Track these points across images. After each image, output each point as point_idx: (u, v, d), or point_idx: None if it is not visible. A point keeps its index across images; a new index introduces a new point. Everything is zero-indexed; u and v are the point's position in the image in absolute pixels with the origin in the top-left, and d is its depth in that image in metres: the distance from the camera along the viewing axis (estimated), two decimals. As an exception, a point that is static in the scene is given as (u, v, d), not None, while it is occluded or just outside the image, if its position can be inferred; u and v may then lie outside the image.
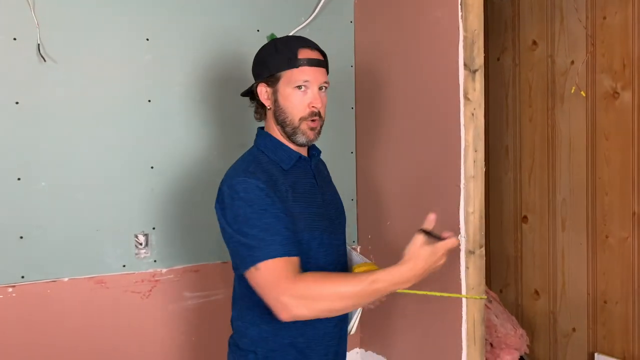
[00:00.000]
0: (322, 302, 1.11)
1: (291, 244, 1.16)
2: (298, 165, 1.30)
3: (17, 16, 1.57)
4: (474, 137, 1.63)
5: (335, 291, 1.11)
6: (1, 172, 1.56)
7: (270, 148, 1.29)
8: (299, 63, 1.24)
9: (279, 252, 1.13)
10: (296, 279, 1.11)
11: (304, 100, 1.25)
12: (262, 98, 1.29)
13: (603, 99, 2.20)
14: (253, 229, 1.14)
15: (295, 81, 1.24)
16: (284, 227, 1.16)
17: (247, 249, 1.14)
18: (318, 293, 1.11)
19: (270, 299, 1.12)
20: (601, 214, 2.22)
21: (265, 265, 1.12)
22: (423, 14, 1.77)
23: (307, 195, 1.28)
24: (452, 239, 1.18)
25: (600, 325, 2.24)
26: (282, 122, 1.27)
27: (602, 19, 2.18)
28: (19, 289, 1.58)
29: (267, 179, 1.21)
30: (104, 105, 1.69)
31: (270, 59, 1.26)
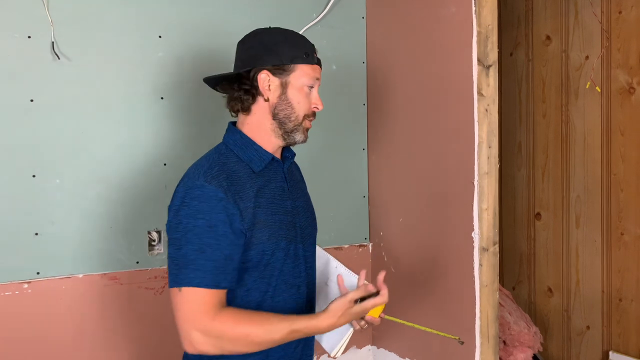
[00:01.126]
0: (232, 345, 1.07)
1: (224, 274, 1.07)
2: (270, 167, 1.21)
3: (31, 14, 1.58)
4: (488, 134, 1.62)
5: (249, 338, 1.06)
6: (16, 169, 1.58)
7: (241, 146, 1.18)
8: (315, 60, 1.20)
9: (206, 281, 1.05)
10: (215, 317, 1.05)
11: (310, 99, 1.20)
12: (262, 87, 1.16)
13: (618, 95, 2.17)
14: (188, 245, 1.06)
15: (310, 77, 1.18)
16: (223, 255, 1.07)
17: (175, 266, 1.07)
18: (231, 336, 1.06)
19: (181, 328, 1.06)
20: (616, 211, 2.19)
21: (187, 293, 1.05)
22: (436, 9, 1.75)
23: (275, 201, 1.19)
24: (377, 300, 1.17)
25: (615, 323, 2.21)
26: (284, 117, 1.17)
27: (618, 13, 2.15)
28: (34, 285, 1.60)
29: (231, 185, 1.11)
30: (117, 103, 1.70)
31: (282, 47, 1.17)
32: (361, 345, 2.13)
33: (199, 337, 1.05)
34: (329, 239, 2.05)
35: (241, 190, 1.12)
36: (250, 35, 1.22)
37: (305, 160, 2.03)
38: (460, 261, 1.68)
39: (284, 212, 1.20)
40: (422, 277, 1.87)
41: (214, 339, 1.05)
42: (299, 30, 1.95)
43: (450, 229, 1.72)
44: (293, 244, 1.20)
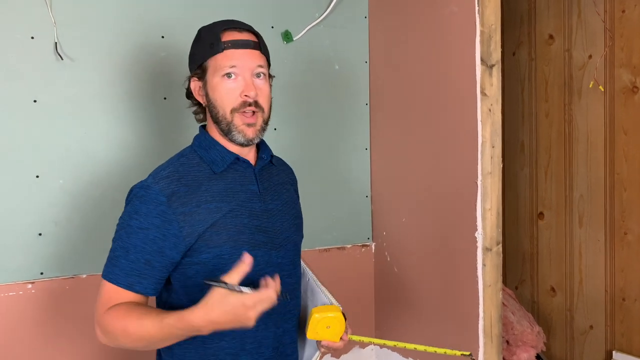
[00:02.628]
0: (117, 339, 1.04)
1: (139, 277, 1.05)
2: (235, 168, 1.15)
3: (34, 15, 1.58)
4: (491, 133, 1.61)
5: (126, 331, 1.02)
6: (20, 170, 1.58)
7: (204, 147, 1.15)
8: (222, 47, 1.08)
9: (119, 280, 1.05)
10: (106, 311, 1.05)
11: (235, 90, 1.09)
12: (196, 94, 1.15)
13: (622, 94, 2.16)
14: (117, 242, 1.07)
15: (221, 68, 1.08)
16: (144, 259, 1.04)
17: (108, 258, 1.10)
18: (112, 329, 1.03)
19: (94, 317, 1.08)
20: (619, 210, 2.19)
21: (103, 285, 1.08)
22: (438, 8, 1.75)
23: (239, 203, 1.11)
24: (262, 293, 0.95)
25: (619, 322, 2.21)
26: (215, 119, 1.12)
27: (621, 12, 2.14)
28: (38, 285, 1.60)
29: (180, 187, 1.07)
30: (120, 103, 1.70)
31: (195, 48, 1.14)
32: (364, 345, 2.13)
33: (97, 329, 1.07)
34: (331, 239, 2.05)
35: (193, 192, 1.08)
36: None
37: (308, 159, 2.04)
38: (463, 261, 1.68)
39: (248, 216, 1.12)
40: (425, 277, 1.87)
41: (104, 332, 1.06)
42: (301, 30, 1.95)
43: (453, 229, 1.72)
44: (262, 250, 1.11)
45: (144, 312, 1.03)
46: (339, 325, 1.13)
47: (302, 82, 1.97)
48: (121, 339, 1.04)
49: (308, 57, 1.98)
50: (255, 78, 1.11)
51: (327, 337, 1.13)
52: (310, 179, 2.01)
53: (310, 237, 1.98)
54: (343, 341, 1.16)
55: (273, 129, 1.92)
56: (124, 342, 1.04)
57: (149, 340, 1.02)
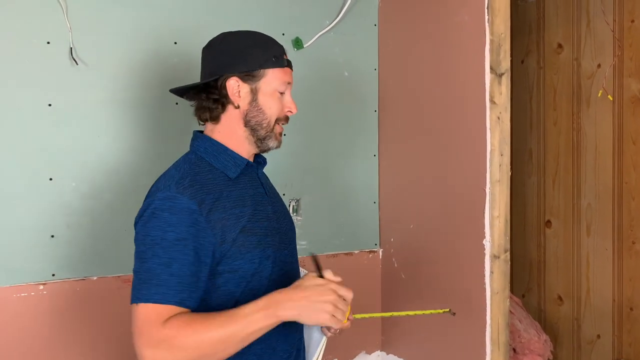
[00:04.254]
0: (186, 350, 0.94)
1: (189, 291, 0.99)
2: (245, 173, 1.15)
3: (50, 20, 1.61)
4: (500, 141, 1.62)
5: (202, 335, 0.94)
6: (34, 173, 1.61)
7: (213, 153, 1.12)
8: (285, 63, 1.14)
9: (168, 298, 0.96)
10: (163, 325, 0.95)
11: (282, 103, 1.15)
12: (231, 94, 1.11)
13: (630, 103, 2.16)
14: (153, 259, 0.98)
15: (281, 81, 1.13)
16: (190, 271, 0.99)
17: (137, 280, 0.99)
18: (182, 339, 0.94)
19: (135, 346, 0.96)
20: (628, 220, 2.18)
21: (144, 309, 0.96)
22: (448, 17, 1.77)
23: (257, 207, 1.13)
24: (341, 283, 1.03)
25: (626, 332, 2.20)
26: (256, 124, 1.12)
27: (630, 22, 2.15)
28: (49, 287, 1.62)
29: (206, 195, 1.04)
30: (133, 108, 1.72)
31: (251, 52, 1.12)
32: (370, 350, 2.13)
33: (149, 352, 0.94)
34: (339, 244, 2.06)
35: (218, 199, 1.06)
36: (217, 41, 1.17)
37: (317, 165, 2.05)
38: (471, 268, 1.68)
39: (267, 219, 1.14)
40: (432, 284, 1.87)
41: (163, 350, 0.94)
42: (312, 37, 1.97)
43: (461, 236, 1.73)
44: (279, 251, 1.14)
45: (209, 314, 0.98)
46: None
47: (312, 88, 1.99)
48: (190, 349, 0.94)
49: (318, 64, 2.00)
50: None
51: None
52: (318, 185, 2.03)
53: (318, 243, 1.99)
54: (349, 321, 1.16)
55: (282, 135, 1.94)
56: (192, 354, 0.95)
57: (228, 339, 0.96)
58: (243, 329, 0.97)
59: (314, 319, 1.01)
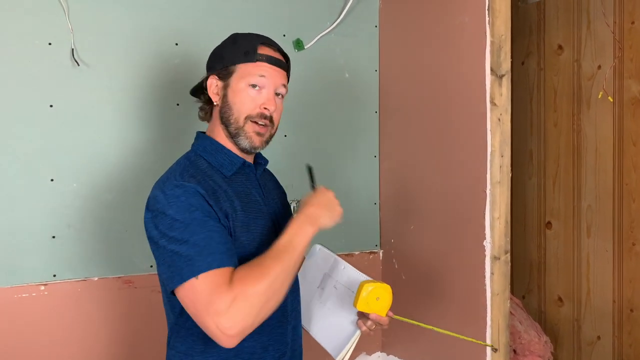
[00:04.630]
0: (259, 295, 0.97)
1: (235, 256, 1.04)
2: (242, 172, 1.18)
3: (52, 22, 1.62)
4: (501, 143, 1.63)
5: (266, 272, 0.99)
6: (35, 173, 1.61)
7: (210, 151, 1.16)
8: (257, 58, 1.13)
9: (226, 261, 0.99)
10: (230, 283, 0.97)
11: (256, 100, 1.13)
12: (210, 92, 1.17)
13: (631, 105, 2.17)
14: (194, 236, 0.99)
15: (250, 76, 1.12)
16: (229, 240, 1.04)
17: (184, 260, 0.98)
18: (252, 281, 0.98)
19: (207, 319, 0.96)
20: (628, 221, 2.19)
21: (204, 278, 0.97)
22: (449, 19, 1.77)
23: (253, 205, 1.16)
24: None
25: (626, 333, 2.20)
26: (226, 120, 1.15)
27: (631, 23, 2.15)
28: (50, 287, 1.62)
29: (207, 186, 1.08)
30: (134, 109, 1.73)
31: (227, 51, 1.16)
32: (370, 351, 2.13)
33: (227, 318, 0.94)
34: (339, 245, 2.06)
35: (217, 192, 1.09)
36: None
37: (317, 166, 2.05)
38: (471, 269, 1.69)
39: (262, 217, 1.17)
40: (432, 285, 1.87)
41: (241, 303, 0.95)
42: (313, 39, 1.98)
43: (461, 237, 1.73)
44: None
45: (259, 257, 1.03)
46: (388, 298, 1.16)
47: (313, 89, 1.99)
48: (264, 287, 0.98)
49: (319, 65, 2.00)
50: (275, 96, 1.17)
51: (376, 310, 1.15)
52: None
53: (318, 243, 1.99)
54: (388, 317, 1.19)
55: (283, 136, 1.94)
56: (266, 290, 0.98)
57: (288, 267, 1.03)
58: (294, 252, 1.06)
59: (334, 219, 1.18)
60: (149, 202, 1.08)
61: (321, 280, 1.34)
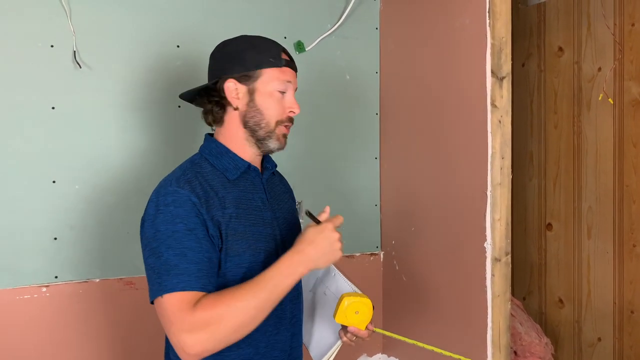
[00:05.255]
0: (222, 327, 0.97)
1: (207, 277, 1.02)
2: (246, 176, 1.17)
3: (54, 24, 1.62)
4: (501, 145, 1.63)
5: (234, 306, 0.98)
6: (37, 175, 1.61)
7: (215, 155, 1.15)
8: (283, 63, 1.15)
9: (192, 284, 0.98)
10: (194, 308, 0.97)
11: (284, 104, 1.16)
12: (229, 96, 1.14)
13: (631, 107, 2.17)
14: (169, 251, 1.00)
15: (279, 81, 1.14)
16: (205, 257, 1.02)
17: (156, 275, 1.00)
18: (215, 315, 0.97)
19: (171, 337, 0.98)
20: (628, 223, 2.19)
21: (169, 298, 0.97)
22: (449, 21, 1.78)
23: (253, 212, 1.14)
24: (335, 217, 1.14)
25: (627, 335, 2.20)
26: (254, 125, 1.14)
27: (631, 25, 2.16)
28: (52, 289, 1.63)
29: (203, 191, 1.07)
30: (136, 111, 1.73)
31: (247, 54, 1.13)
32: (372, 353, 2.13)
33: (188, 337, 0.96)
34: (340, 247, 2.06)
35: (213, 198, 1.08)
36: (219, 47, 1.20)
37: (318, 168, 2.06)
38: (472, 271, 1.69)
39: (262, 224, 1.15)
40: (433, 287, 1.88)
41: (201, 330, 0.96)
42: (313, 41, 1.99)
43: (462, 239, 1.73)
44: (274, 258, 1.12)
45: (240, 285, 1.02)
46: (367, 312, 1.16)
47: (314, 91, 2.00)
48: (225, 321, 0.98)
49: (320, 67, 2.01)
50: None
51: (355, 323, 1.15)
52: (319, 188, 2.03)
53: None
54: (368, 330, 1.19)
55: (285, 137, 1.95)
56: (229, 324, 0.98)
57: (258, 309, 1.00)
58: (274, 291, 1.03)
59: (331, 261, 1.10)
60: (147, 205, 1.10)
61: (313, 285, 1.34)
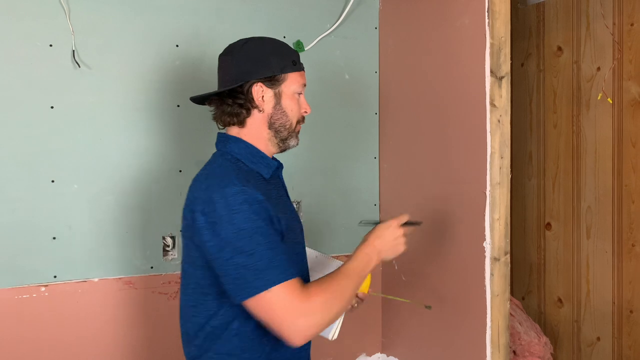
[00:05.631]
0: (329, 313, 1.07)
1: (295, 265, 1.10)
2: (275, 175, 1.25)
3: (53, 23, 1.62)
4: (500, 144, 1.63)
5: (336, 292, 1.08)
6: (36, 175, 1.61)
7: (248, 156, 1.18)
8: (301, 67, 1.23)
9: (291, 272, 1.05)
10: (306, 296, 1.04)
11: (300, 105, 1.23)
12: (257, 99, 1.18)
13: (630, 106, 2.17)
14: (259, 248, 1.03)
15: (299, 84, 1.21)
16: (286, 249, 1.09)
17: (252, 272, 1.02)
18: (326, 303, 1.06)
19: (284, 325, 1.03)
20: (627, 222, 2.19)
21: (277, 291, 1.02)
22: (449, 20, 1.78)
23: (286, 207, 1.23)
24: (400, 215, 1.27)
25: (626, 334, 2.20)
26: (280, 126, 1.20)
27: (630, 25, 2.16)
28: (51, 288, 1.63)
29: (262, 190, 1.11)
30: (135, 110, 1.73)
31: (272, 58, 1.18)
32: (371, 352, 2.13)
33: (304, 321, 1.03)
34: (339, 246, 2.06)
35: (270, 196, 1.15)
36: (236, 49, 1.22)
37: (317, 167, 2.06)
38: (471, 270, 1.69)
39: (293, 218, 1.24)
40: (432, 286, 1.87)
41: (316, 314, 1.04)
42: (313, 40, 1.99)
43: (461, 239, 1.73)
44: (301, 246, 1.25)
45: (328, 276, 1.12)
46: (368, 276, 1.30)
47: (313, 91, 1.99)
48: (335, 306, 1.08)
49: (319, 66, 2.01)
50: None
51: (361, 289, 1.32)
52: (319, 187, 2.03)
53: (318, 245, 2.00)
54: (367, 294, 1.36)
55: (284, 137, 1.95)
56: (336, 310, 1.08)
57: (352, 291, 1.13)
58: (360, 279, 1.16)
59: (395, 253, 1.25)
60: (204, 205, 1.07)
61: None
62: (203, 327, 1.13)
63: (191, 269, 1.13)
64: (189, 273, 1.14)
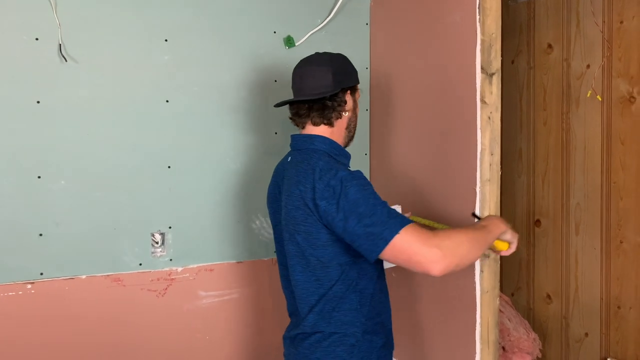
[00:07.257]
0: (461, 248, 1.22)
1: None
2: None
3: (39, 17, 1.59)
4: (491, 141, 1.63)
5: (466, 237, 1.25)
6: (22, 170, 1.59)
7: (334, 151, 1.41)
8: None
9: (408, 220, 1.24)
10: (434, 232, 1.22)
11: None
12: (348, 104, 1.43)
13: (619, 104, 2.19)
14: (380, 207, 1.23)
15: (359, 93, 1.49)
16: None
17: (381, 224, 1.20)
18: (454, 239, 1.22)
19: (420, 257, 1.18)
20: (616, 219, 2.21)
21: (406, 231, 1.20)
22: (440, 17, 1.77)
23: None
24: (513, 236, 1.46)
25: (614, 330, 2.22)
26: (353, 127, 1.46)
27: (619, 23, 2.17)
28: (37, 286, 1.61)
29: None
30: (123, 105, 1.71)
31: (353, 71, 1.45)
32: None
33: (437, 251, 1.18)
34: (330, 243, 2.06)
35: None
36: (326, 61, 1.40)
37: (308, 164, 2.05)
38: (461, 267, 1.69)
39: None
40: (422, 283, 1.88)
41: (446, 249, 1.19)
42: (303, 36, 1.97)
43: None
44: None
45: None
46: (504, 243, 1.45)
47: (304, 87, 1.98)
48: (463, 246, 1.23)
49: (309, 62, 1.99)
50: None
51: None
52: (310, 184, 2.02)
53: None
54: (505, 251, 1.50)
55: (274, 133, 1.94)
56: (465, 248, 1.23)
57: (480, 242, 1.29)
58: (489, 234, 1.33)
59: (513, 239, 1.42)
60: (322, 192, 1.25)
61: None
62: (325, 295, 1.32)
63: (310, 249, 1.30)
64: (307, 255, 1.31)
